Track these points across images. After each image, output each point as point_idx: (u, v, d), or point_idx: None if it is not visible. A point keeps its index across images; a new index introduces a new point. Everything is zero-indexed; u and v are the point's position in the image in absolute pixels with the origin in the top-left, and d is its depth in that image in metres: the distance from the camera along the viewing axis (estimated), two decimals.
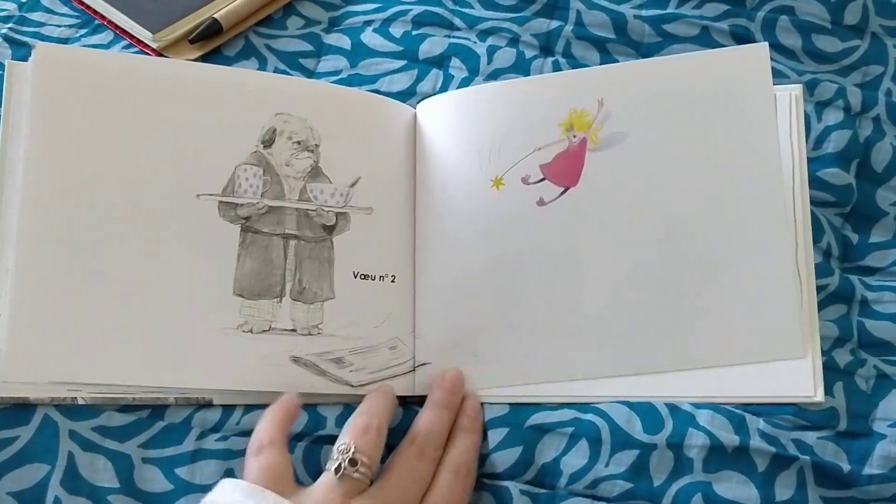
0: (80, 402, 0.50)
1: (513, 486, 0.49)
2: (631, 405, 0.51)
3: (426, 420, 0.51)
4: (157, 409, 0.51)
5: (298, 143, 0.56)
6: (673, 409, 0.51)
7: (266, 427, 0.48)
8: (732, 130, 0.54)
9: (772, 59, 0.65)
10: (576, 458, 0.49)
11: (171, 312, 0.52)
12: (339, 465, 0.46)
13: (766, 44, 0.56)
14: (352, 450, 0.47)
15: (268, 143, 0.55)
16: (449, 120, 0.58)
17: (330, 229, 0.55)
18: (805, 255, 0.54)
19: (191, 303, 0.52)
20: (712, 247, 0.53)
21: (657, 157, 0.54)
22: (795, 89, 0.59)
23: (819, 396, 0.51)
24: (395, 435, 0.50)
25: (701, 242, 0.53)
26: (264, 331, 0.53)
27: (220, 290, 0.53)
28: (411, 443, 0.49)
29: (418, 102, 0.63)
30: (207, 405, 0.52)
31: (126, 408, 0.51)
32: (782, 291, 0.52)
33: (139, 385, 0.50)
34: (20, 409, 0.50)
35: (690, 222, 0.53)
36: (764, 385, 0.52)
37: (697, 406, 0.51)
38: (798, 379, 0.52)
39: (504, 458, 0.50)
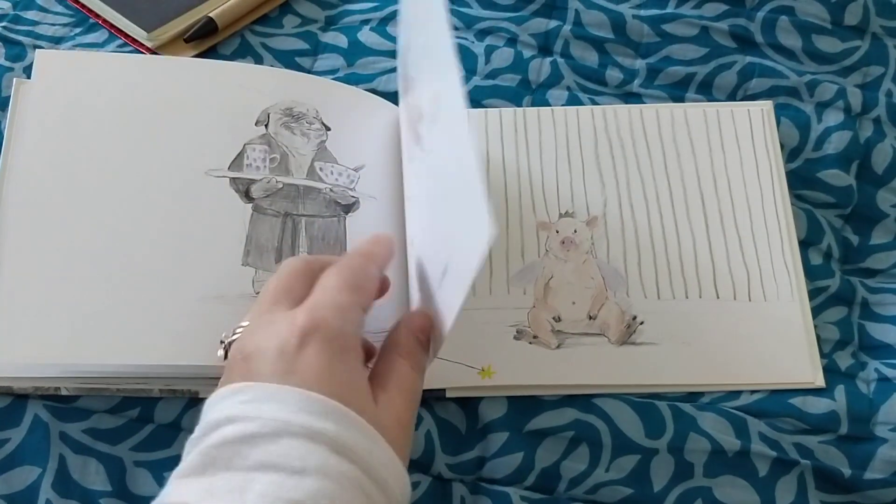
0: (64, 391, 0.50)
1: (513, 492, 0.49)
2: (633, 404, 0.51)
3: None
4: (146, 410, 0.51)
5: (306, 122, 0.56)
6: (676, 411, 0.50)
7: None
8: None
9: (772, 59, 0.65)
10: (576, 463, 0.49)
11: (176, 287, 0.50)
12: None
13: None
14: None
15: (262, 122, 0.56)
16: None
17: (346, 208, 0.55)
18: (791, 252, 0.57)
19: (197, 275, 0.51)
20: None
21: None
22: (766, 105, 0.62)
23: (819, 381, 0.52)
24: None
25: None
26: None
27: (228, 261, 0.51)
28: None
29: None
30: (194, 398, 0.51)
31: (116, 409, 0.50)
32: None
33: (143, 364, 0.49)
34: (10, 411, 0.49)
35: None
36: (764, 373, 0.52)
37: (700, 408, 0.51)
38: (797, 366, 0.53)
39: (504, 464, 0.49)
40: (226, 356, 0.41)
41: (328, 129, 0.57)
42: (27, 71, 0.62)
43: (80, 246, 0.51)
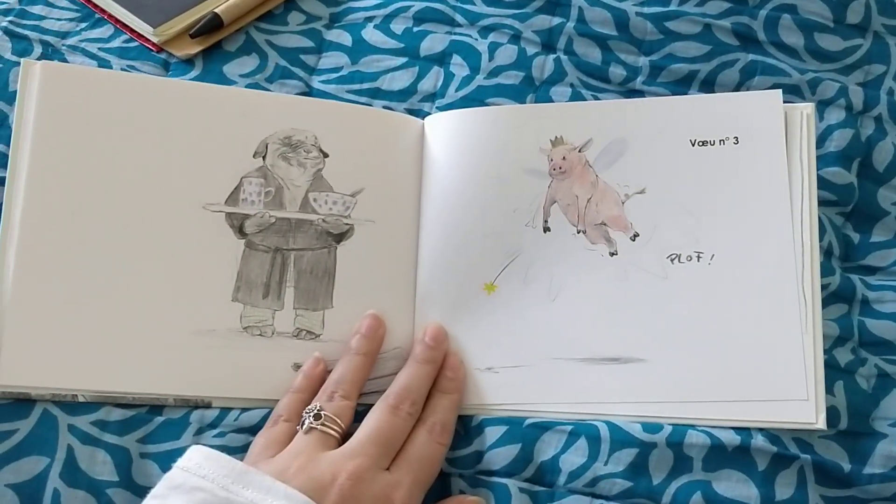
0: (81, 399, 0.50)
1: (511, 484, 0.49)
2: None
3: (403, 375, 0.51)
4: (156, 405, 0.51)
5: (304, 150, 0.57)
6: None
7: (285, 402, 0.51)
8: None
9: (774, 57, 0.65)
10: (575, 457, 0.49)
11: (170, 319, 0.52)
12: (304, 421, 0.48)
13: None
14: (316, 408, 0.48)
15: (260, 153, 0.57)
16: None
17: (337, 237, 0.55)
18: (812, 278, 0.53)
19: (190, 309, 0.53)
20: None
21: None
22: (807, 108, 0.58)
23: (820, 423, 0.50)
24: None
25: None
26: (266, 336, 0.53)
27: (220, 296, 0.53)
28: (386, 398, 0.50)
29: (419, 101, 0.63)
30: (206, 406, 0.52)
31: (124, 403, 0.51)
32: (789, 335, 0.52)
33: (137, 392, 0.51)
34: (20, 403, 0.50)
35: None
36: (764, 410, 0.50)
37: None
38: (800, 404, 0.50)
39: (502, 456, 0.50)
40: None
41: (326, 155, 0.57)
42: None
43: (79, 275, 0.52)
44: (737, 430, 0.50)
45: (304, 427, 0.48)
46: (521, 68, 0.65)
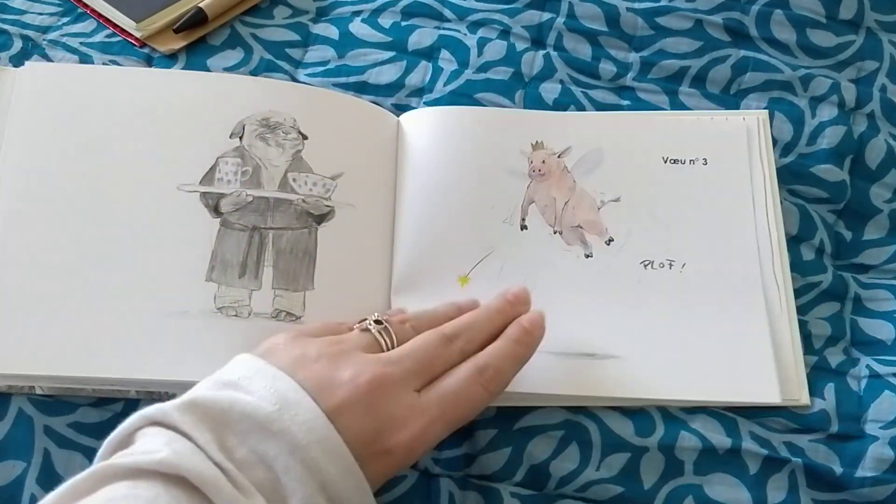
0: (38, 391, 0.49)
1: (503, 488, 0.48)
2: (622, 410, 0.50)
3: (469, 315, 0.48)
4: (131, 404, 0.50)
5: (282, 131, 0.57)
6: (665, 412, 0.50)
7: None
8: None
9: (766, 53, 0.65)
10: (566, 462, 0.49)
11: (140, 301, 0.51)
12: (366, 319, 0.46)
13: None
14: (384, 319, 0.46)
15: (237, 134, 0.56)
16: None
17: (318, 218, 0.55)
18: (781, 266, 0.55)
19: (161, 290, 0.51)
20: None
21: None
22: (762, 114, 0.61)
23: (804, 399, 0.51)
24: None
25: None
26: (242, 317, 0.51)
27: (193, 276, 0.52)
28: (442, 328, 0.46)
29: (407, 95, 0.63)
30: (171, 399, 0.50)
31: (100, 403, 0.50)
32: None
33: (103, 378, 0.49)
34: None
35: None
36: (750, 389, 0.51)
37: (689, 411, 0.50)
38: (784, 384, 0.51)
39: (493, 459, 0.49)
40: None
41: (305, 137, 0.57)
42: (13, 60, 0.61)
43: (50, 258, 0.51)
44: (727, 432, 0.49)
45: (363, 325, 0.46)
46: (511, 64, 0.65)
